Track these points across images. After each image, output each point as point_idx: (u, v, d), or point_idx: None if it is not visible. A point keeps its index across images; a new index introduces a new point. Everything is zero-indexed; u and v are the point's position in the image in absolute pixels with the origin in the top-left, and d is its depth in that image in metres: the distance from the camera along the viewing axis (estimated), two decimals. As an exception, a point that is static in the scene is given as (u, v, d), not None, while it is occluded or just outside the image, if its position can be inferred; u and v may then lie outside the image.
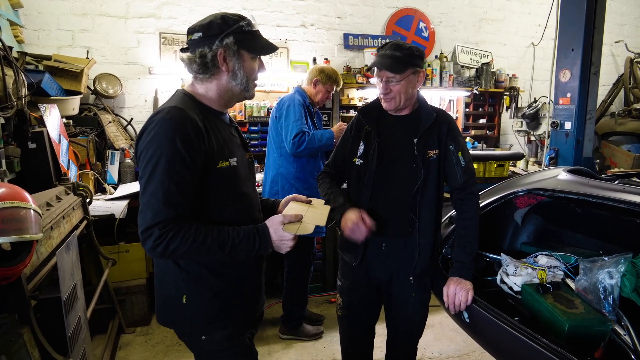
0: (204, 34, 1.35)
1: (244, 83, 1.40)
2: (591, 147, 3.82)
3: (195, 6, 4.15)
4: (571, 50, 3.65)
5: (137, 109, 4.11)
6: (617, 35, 6.02)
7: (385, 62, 1.75)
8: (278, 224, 1.37)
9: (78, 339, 1.97)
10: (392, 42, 1.81)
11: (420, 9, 5.00)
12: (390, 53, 1.76)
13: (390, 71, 1.75)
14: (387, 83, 1.79)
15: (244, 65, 1.39)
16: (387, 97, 1.81)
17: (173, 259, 1.37)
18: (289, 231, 1.36)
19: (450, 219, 2.29)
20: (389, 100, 1.82)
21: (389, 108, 1.85)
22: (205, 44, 1.34)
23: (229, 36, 1.34)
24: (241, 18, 1.38)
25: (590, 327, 1.57)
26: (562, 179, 2.19)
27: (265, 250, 1.37)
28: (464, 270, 1.84)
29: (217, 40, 1.33)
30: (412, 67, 1.77)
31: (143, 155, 1.27)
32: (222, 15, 1.36)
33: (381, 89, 1.81)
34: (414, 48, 1.80)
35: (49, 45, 3.77)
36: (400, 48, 1.76)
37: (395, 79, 1.77)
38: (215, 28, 1.34)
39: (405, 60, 1.75)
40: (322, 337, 3.14)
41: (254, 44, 1.40)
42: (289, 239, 1.36)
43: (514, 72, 5.26)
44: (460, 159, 1.87)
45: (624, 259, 1.68)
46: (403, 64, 1.75)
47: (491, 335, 1.79)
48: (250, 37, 1.39)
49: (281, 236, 1.36)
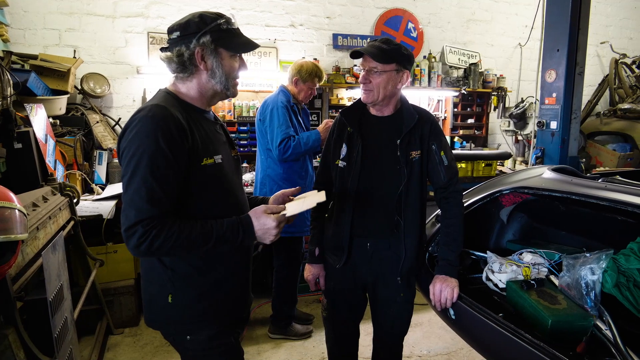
0: (181, 33, 1.35)
1: (224, 81, 1.40)
2: (576, 147, 3.89)
3: (183, 5, 4.13)
4: (556, 51, 3.71)
5: (125, 108, 4.09)
6: (602, 37, 6.10)
7: (370, 50, 1.75)
8: (261, 213, 1.36)
9: (65, 340, 1.96)
10: (383, 37, 1.82)
11: (408, 10, 5.03)
12: (378, 44, 1.76)
13: (372, 58, 1.74)
14: (367, 72, 1.78)
15: (222, 63, 1.38)
16: (365, 87, 1.80)
17: (157, 256, 1.36)
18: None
19: (436, 217, 2.31)
20: (367, 91, 1.80)
21: (365, 100, 1.84)
22: (182, 43, 1.35)
23: (206, 35, 1.34)
24: (219, 16, 1.38)
25: (573, 322, 1.59)
26: (546, 178, 2.23)
27: (249, 241, 1.37)
28: (450, 268, 1.86)
29: (194, 39, 1.33)
30: (396, 64, 1.77)
31: (125, 153, 1.27)
32: (200, 14, 1.36)
33: (361, 78, 1.80)
34: (402, 47, 1.80)
35: (35, 44, 3.73)
36: (389, 43, 1.77)
37: (377, 69, 1.75)
38: (192, 27, 1.34)
39: (390, 54, 1.75)
40: (312, 337, 3.14)
41: (232, 42, 1.39)
42: (272, 226, 1.35)
43: (502, 73, 5.33)
44: (443, 158, 1.88)
45: (605, 255, 1.72)
46: (387, 57, 1.75)
47: (476, 331, 1.82)
48: (228, 35, 1.38)
49: (264, 224, 1.35)
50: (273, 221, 1.35)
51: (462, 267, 2.17)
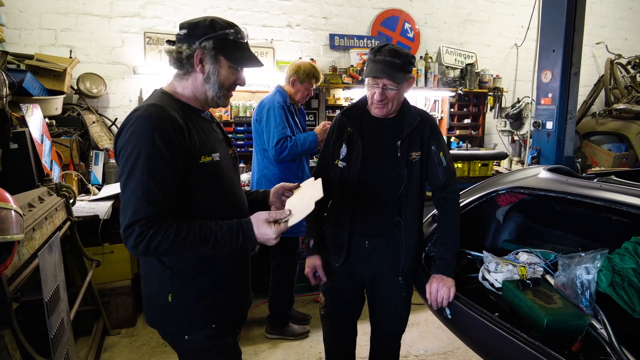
0: (188, 32, 1.36)
1: (216, 90, 1.40)
2: (572, 147, 3.90)
3: (180, 5, 4.13)
4: (552, 52, 3.72)
5: (121, 109, 4.08)
6: (597, 37, 6.14)
7: (386, 70, 1.72)
8: (262, 222, 1.35)
9: (61, 341, 1.96)
10: (388, 47, 1.76)
11: (405, 10, 5.04)
12: (390, 60, 1.72)
13: (391, 80, 1.73)
14: (383, 90, 1.76)
15: (219, 71, 1.39)
16: (381, 103, 1.79)
17: (156, 256, 1.36)
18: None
19: (432, 217, 2.32)
20: (382, 106, 1.80)
21: (380, 114, 1.84)
22: (186, 42, 1.36)
23: (210, 40, 1.35)
24: (230, 26, 1.39)
25: (568, 321, 1.60)
26: (542, 178, 2.24)
27: (249, 244, 1.37)
28: (446, 267, 1.87)
29: (197, 41, 1.35)
30: (408, 74, 1.78)
31: (122, 153, 1.26)
32: (212, 19, 1.37)
33: (377, 96, 1.77)
34: (410, 55, 1.79)
35: (31, 44, 3.72)
36: (399, 55, 1.73)
37: (393, 86, 1.75)
38: (200, 29, 1.35)
39: (403, 68, 1.75)
40: (309, 337, 3.15)
41: (234, 54, 1.39)
42: (271, 237, 1.34)
43: (498, 73, 5.34)
44: (442, 159, 1.89)
45: (600, 254, 1.72)
46: (402, 72, 1.74)
47: (472, 330, 1.82)
48: (233, 46, 1.39)
49: (264, 233, 1.34)
50: (273, 233, 1.34)
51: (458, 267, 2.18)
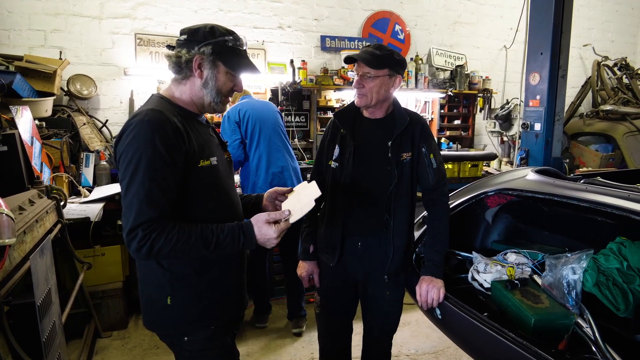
0: (188, 37, 1.39)
1: (214, 95, 1.43)
2: (560, 148, 3.96)
3: (171, 7, 4.12)
4: (540, 54, 3.78)
5: (112, 110, 4.06)
6: (585, 39, 6.22)
7: (364, 56, 1.80)
8: (263, 222, 1.37)
9: (53, 344, 1.95)
10: (376, 43, 1.88)
11: (395, 12, 5.08)
12: (371, 50, 1.81)
13: (365, 64, 1.79)
14: (361, 78, 1.83)
15: (217, 77, 1.41)
16: (359, 91, 1.85)
17: (158, 259, 1.38)
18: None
19: (423, 219, 2.35)
20: (361, 96, 1.85)
21: (359, 104, 1.89)
22: (185, 47, 1.38)
23: (209, 45, 1.37)
24: (229, 33, 1.42)
25: (555, 320, 1.64)
26: (529, 179, 2.28)
27: (249, 246, 1.39)
28: (435, 268, 1.90)
29: (197, 46, 1.37)
30: (388, 69, 1.81)
31: (123, 157, 1.28)
32: (212, 25, 1.40)
33: (355, 83, 1.85)
34: (395, 52, 1.85)
35: (20, 45, 3.68)
36: (382, 49, 1.82)
37: (370, 74, 1.80)
38: (200, 35, 1.38)
39: (383, 59, 1.80)
40: (301, 337, 3.17)
41: (232, 60, 1.42)
42: (273, 237, 1.36)
43: (487, 74, 5.39)
44: (432, 161, 1.92)
45: (585, 255, 1.77)
46: (380, 62, 1.79)
47: (462, 330, 1.85)
48: (231, 52, 1.41)
49: (265, 234, 1.36)
50: (274, 232, 1.36)
51: (448, 268, 2.21)
